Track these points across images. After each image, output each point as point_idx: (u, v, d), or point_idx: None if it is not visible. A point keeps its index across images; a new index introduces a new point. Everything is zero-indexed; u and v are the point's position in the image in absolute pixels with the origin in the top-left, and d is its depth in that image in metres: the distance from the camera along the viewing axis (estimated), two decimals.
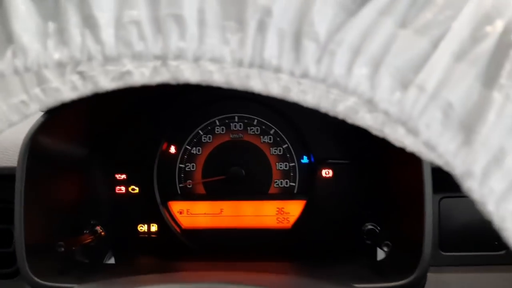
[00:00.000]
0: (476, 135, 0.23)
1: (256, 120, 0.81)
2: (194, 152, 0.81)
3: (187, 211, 0.81)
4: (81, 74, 0.33)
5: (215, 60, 0.26)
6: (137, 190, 0.80)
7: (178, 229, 0.80)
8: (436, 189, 0.61)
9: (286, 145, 0.81)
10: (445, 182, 0.66)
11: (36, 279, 0.59)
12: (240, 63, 0.26)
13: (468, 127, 0.24)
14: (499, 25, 0.23)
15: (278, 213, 0.81)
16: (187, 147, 0.81)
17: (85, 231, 0.72)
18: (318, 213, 0.79)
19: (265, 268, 0.69)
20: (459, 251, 0.67)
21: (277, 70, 0.25)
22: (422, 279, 0.61)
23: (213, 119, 0.81)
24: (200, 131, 0.81)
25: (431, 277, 0.65)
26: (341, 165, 0.79)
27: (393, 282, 0.58)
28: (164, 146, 0.80)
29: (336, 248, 0.77)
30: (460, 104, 0.24)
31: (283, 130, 0.81)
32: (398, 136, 0.33)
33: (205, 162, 0.81)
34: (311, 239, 0.79)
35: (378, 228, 0.70)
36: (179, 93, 0.80)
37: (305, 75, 0.25)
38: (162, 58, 0.26)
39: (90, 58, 0.27)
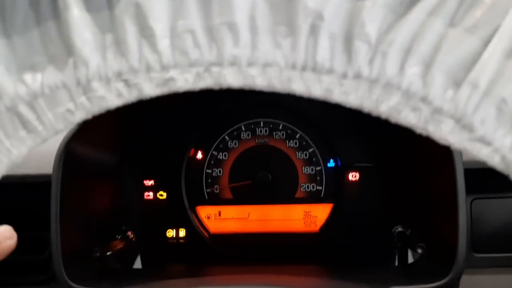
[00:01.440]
0: None
1: (281, 125, 0.82)
2: (221, 157, 0.82)
3: (215, 216, 0.82)
4: (126, 81, 0.34)
5: (268, 65, 0.26)
6: (164, 195, 0.81)
7: (206, 234, 0.81)
8: (467, 191, 0.61)
9: (312, 149, 0.81)
10: (477, 183, 0.66)
11: (73, 284, 0.60)
12: (293, 67, 0.26)
13: None
14: None
15: (305, 217, 0.81)
16: (214, 152, 0.82)
17: (117, 237, 0.73)
18: (346, 216, 0.79)
19: (295, 272, 0.69)
20: (492, 252, 0.66)
21: (330, 72, 0.26)
22: (456, 282, 0.60)
23: (239, 125, 0.82)
24: (226, 137, 0.82)
25: (463, 279, 0.64)
26: (368, 168, 0.79)
27: (428, 284, 0.58)
28: (191, 152, 0.81)
29: (364, 252, 0.76)
30: None
31: (308, 134, 0.81)
32: (443, 134, 0.33)
33: (232, 167, 0.82)
34: (339, 242, 0.79)
35: (409, 231, 0.70)
36: (205, 101, 0.81)
37: (358, 76, 0.26)
38: (218, 65, 0.27)
39: (148, 69, 0.28)
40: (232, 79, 0.35)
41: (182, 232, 0.81)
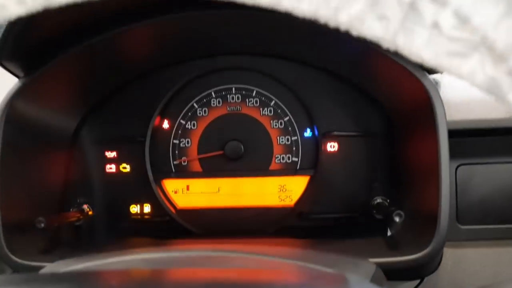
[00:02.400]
0: None
1: (255, 91, 0.76)
2: (189, 127, 0.76)
3: (183, 190, 0.76)
4: None
5: None
6: (128, 168, 0.75)
7: (173, 210, 0.75)
8: (452, 156, 0.55)
9: (288, 118, 0.75)
10: (463, 148, 0.61)
11: (13, 257, 0.54)
12: None
13: None
14: None
15: (280, 191, 0.75)
16: (181, 121, 0.76)
17: (71, 209, 0.67)
18: (323, 189, 0.73)
19: (267, 243, 0.63)
20: (479, 224, 0.61)
21: None
22: (438, 253, 0.55)
23: (209, 91, 0.76)
24: (195, 104, 0.76)
25: (448, 252, 0.59)
26: (347, 138, 0.74)
27: (407, 256, 0.53)
28: (157, 121, 0.75)
29: (343, 225, 0.71)
30: None
31: (284, 101, 0.75)
32: (415, 47, 0.27)
33: (201, 137, 0.75)
34: (316, 217, 0.73)
35: (388, 201, 0.65)
36: (172, 64, 0.75)
37: None
38: None
39: None
40: None
41: (147, 208, 0.75)
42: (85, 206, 0.68)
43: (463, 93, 0.61)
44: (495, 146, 0.61)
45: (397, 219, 0.55)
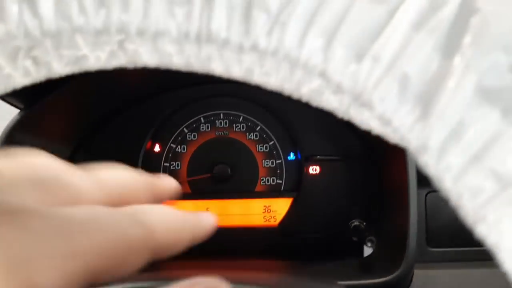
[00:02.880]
0: (434, 108, 0.22)
1: (241, 117, 0.80)
2: (179, 150, 0.80)
3: None
4: (34, 59, 0.32)
5: (159, 34, 0.24)
6: None
7: None
8: (422, 184, 0.60)
9: (273, 142, 0.80)
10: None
11: None
12: (186, 36, 0.24)
13: (426, 100, 0.22)
14: None
15: (265, 211, 0.79)
16: (172, 145, 0.80)
17: None
18: (305, 210, 0.78)
19: (250, 267, 0.67)
20: (448, 246, 0.65)
21: (225, 42, 0.24)
22: (407, 275, 0.59)
23: (198, 116, 0.80)
24: (185, 129, 0.80)
25: (419, 273, 0.63)
26: (329, 161, 0.78)
27: (378, 279, 0.57)
28: (148, 144, 0.79)
29: (323, 246, 0.75)
30: (418, 75, 0.22)
31: (269, 126, 0.80)
32: (364, 119, 0.32)
33: (190, 161, 0.80)
34: (298, 237, 0.77)
35: (364, 224, 0.69)
36: (163, 91, 0.79)
37: (254, 47, 0.24)
38: (104, 32, 0.25)
39: (27, 34, 0.26)
40: (147, 57, 0.33)
41: None
42: None
43: None
44: None
45: (368, 244, 0.59)
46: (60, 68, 0.32)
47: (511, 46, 0.22)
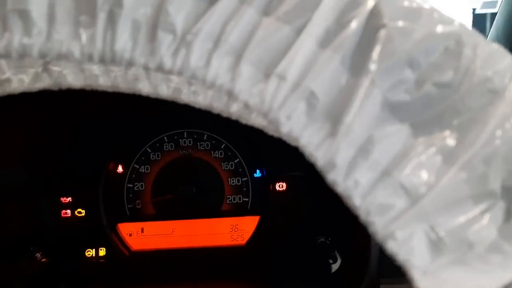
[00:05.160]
0: (341, 125, 0.22)
1: (206, 135, 0.79)
2: (143, 170, 0.78)
3: (137, 233, 0.78)
4: None
5: (62, 56, 0.23)
6: (83, 213, 0.77)
7: (126, 252, 0.77)
8: None
9: (238, 160, 0.79)
10: None
11: None
12: (90, 58, 0.24)
13: (334, 117, 0.22)
14: (365, 9, 0.22)
15: (232, 230, 0.78)
16: (135, 166, 0.78)
17: (23, 260, 0.68)
18: (272, 228, 0.76)
19: None
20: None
21: (130, 63, 0.23)
22: None
23: (161, 136, 0.79)
24: (148, 149, 0.79)
25: None
26: (295, 178, 0.77)
27: None
28: (111, 165, 0.77)
29: (290, 264, 0.74)
30: (325, 93, 0.22)
31: (234, 144, 0.79)
32: (294, 133, 0.31)
33: (154, 181, 0.78)
34: (266, 255, 0.76)
35: (329, 240, 0.68)
36: (124, 110, 0.78)
37: (160, 68, 0.24)
38: (5, 56, 0.24)
39: None
40: (72, 79, 0.32)
41: (102, 251, 0.77)
42: (38, 254, 0.70)
43: None
44: None
45: (331, 261, 0.58)
46: None
47: (417, 62, 0.21)
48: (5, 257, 0.65)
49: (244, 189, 0.79)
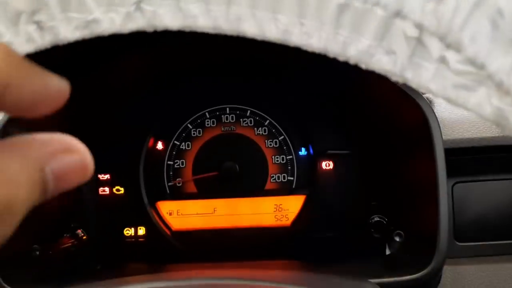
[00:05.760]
0: None
1: (249, 111, 0.76)
2: (183, 147, 0.75)
3: (178, 212, 0.75)
4: (39, 24, 0.27)
5: None
6: (122, 191, 0.74)
7: (168, 232, 0.74)
8: (448, 174, 0.55)
9: (282, 137, 0.75)
10: (459, 165, 0.61)
11: (8, 287, 0.52)
12: None
13: None
14: None
15: (276, 210, 0.75)
16: (176, 142, 0.75)
17: (65, 235, 0.65)
18: (319, 208, 0.73)
19: (264, 267, 0.62)
20: (476, 240, 0.61)
21: None
22: (438, 272, 0.55)
23: (203, 112, 0.75)
24: (189, 125, 0.75)
25: (447, 269, 0.59)
26: (342, 156, 0.74)
27: (408, 276, 0.52)
28: (151, 142, 0.74)
29: (341, 245, 0.71)
30: None
31: (278, 120, 0.75)
32: (423, 81, 0.27)
33: (196, 158, 0.75)
34: (313, 236, 0.73)
35: (386, 219, 0.65)
36: (165, 86, 0.74)
37: None
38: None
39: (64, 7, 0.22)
40: (169, 19, 0.28)
41: (141, 231, 0.74)
42: (79, 231, 0.67)
43: (458, 112, 0.61)
44: (490, 164, 0.61)
45: (397, 238, 0.55)
46: (68, 33, 0.27)
47: None
48: (47, 232, 0.62)
49: (289, 167, 0.75)
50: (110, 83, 0.68)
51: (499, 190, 0.60)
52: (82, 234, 0.67)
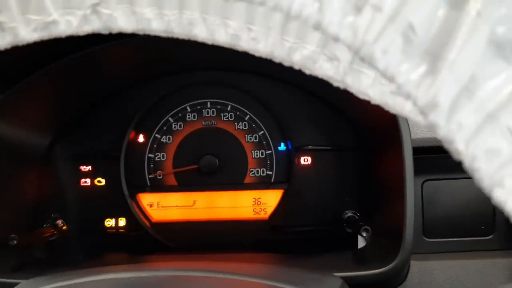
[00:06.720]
0: (443, 62, 0.19)
1: (229, 106, 0.77)
2: (164, 140, 0.76)
3: (158, 204, 0.76)
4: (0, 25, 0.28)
5: None
6: (103, 182, 0.75)
7: (147, 223, 0.75)
8: (418, 171, 0.57)
9: (262, 132, 0.77)
10: (428, 163, 0.63)
11: None
12: None
13: (434, 53, 0.20)
14: None
15: (255, 204, 0.76)
16: (157, 135, 0.76)
17: (45, 225, 0.67)
18: (297, 202, 0.75)
19: (240, 259, 0.64)
20: (444, 237, 0.63)
21: None
22: (404, 266, 0.57)
23: (184, 106, 0.77)
24: (170, 118, 0.76)
25: (415, 265, 0.61)
26: (320, 152, 0.75)
27: (374, 270, 0.54)
28: (132, 135, 0.75)
29: (316, 238, 0.72)
30: (424, 26, 0.20)
31: (258, 116, 0.77)
32: (363, 87, 0.29)
33: (176, 151, 0.76)
34: (290, 230, 0.74)
35: (358, 215, 0.66)
36: (147, 79, 0.75)
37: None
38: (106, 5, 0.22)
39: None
40: (123, 22, 0.29)
41: (122, 222, 0.75)
42: (59, 221, 0.68)
43: None
44: (459, 162, 0.63)
45: (364, 234, 0.56)
46: (27, 34, 0.28)
47: None
48: (27, 222, 0.64)
49: (268, 162, 0.77)
50: (93, 76, 0.69)
51: (468, 188, 0.62)
52: (62, 225, 0.69)
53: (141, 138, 0.76)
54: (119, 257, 0.72)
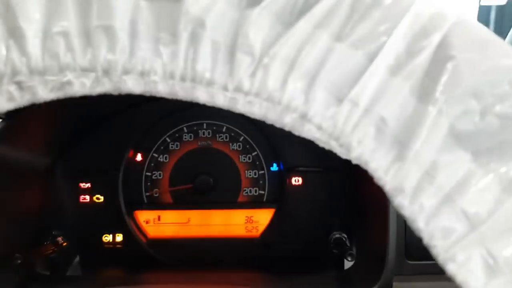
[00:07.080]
0: (409, 151, 0.23)
1: (225, 127, 0.80)
2: (161, 159, 0.80)
3: (154, 221, 0.79)
4: (19, 84, 0.31)
5: (145, 73, 0.24)
6: (102, 199, 0.78)
7: (143, 239, 0.78)
8: None
9: (256, 153, 0.80)
10: None
11: None
12: (171, 76, 0.25)
13: (402, 143, 0.23)
14: (435, 39, 0.23)
15: (247, 222, 0.80)
16: (154, 154, 0.79)
17: (46, 242, 0.69)
18: (287, 221, 0.78)
19: (231, 279, 0.67)
20: (426, 259, 0.67)
21: (210, 83, 0.24)
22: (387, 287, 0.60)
23: (181, 126, 0.80)
24: (167, 138, 0.80)
25: (398, 286, 0.64)
26: (311, 173, 0.79)
27: None
28: (131, 153, 0.79)
29: (304, 258, 0.76)
30: (394, 119, 0.23)
31: (252, 137, 0.80)
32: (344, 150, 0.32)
33: (172, 170, 0.79)
34: (280, 248, 0.78)
35: (345, 237, 0.70)
36: (146, 100, 0.78)
37: (238, 89, 0.25)
38: (91, 71, 0.25)
39: (15, 72, 0.26)
40: (132, 85, 0.33)
41: (119, 237, 0.78)
42: (59, 238, 0.71)
43: None
44: None
45: (349, 258, 0.60)
46: (44, 93, 0.32)
47: (482, 93, 0.22)
48: (30, 239, 0.67)
49: (261, 182, 0.80)
50: (93, 100, 0.71)
51: None
52: (62, 241, 0.71)
53: (139, 157, 0.79)
54: (115, 273, 0.75)
